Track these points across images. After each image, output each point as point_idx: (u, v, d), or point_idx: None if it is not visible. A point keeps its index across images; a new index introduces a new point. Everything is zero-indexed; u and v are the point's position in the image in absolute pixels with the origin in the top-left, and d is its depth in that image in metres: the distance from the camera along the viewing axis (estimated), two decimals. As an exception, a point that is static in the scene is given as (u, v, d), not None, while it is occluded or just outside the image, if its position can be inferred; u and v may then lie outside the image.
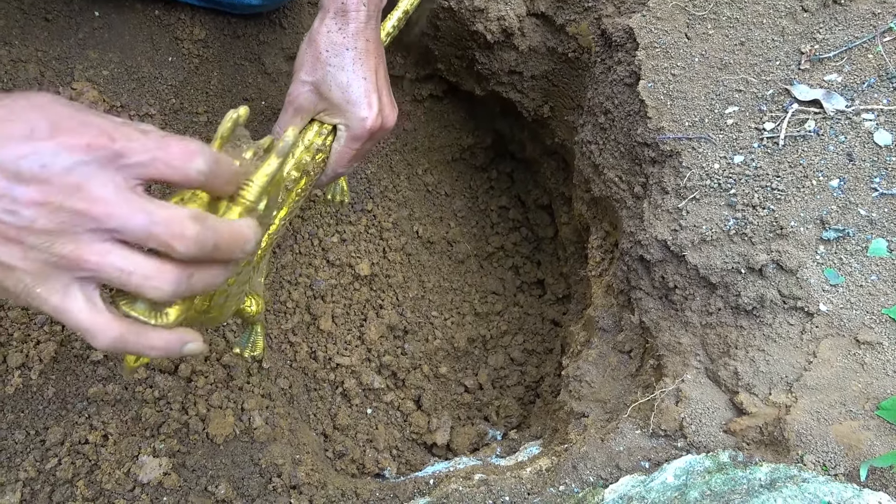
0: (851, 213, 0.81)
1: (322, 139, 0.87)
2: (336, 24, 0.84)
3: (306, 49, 0.86)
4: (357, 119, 0.85)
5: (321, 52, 0.84)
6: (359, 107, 0.85)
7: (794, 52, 0.90)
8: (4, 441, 0.89)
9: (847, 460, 0.71)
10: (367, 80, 0.85)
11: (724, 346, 0.86)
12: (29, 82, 1.05)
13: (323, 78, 0.84)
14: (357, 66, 0.84)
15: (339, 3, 0.83)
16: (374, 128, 0.87)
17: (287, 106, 0.87)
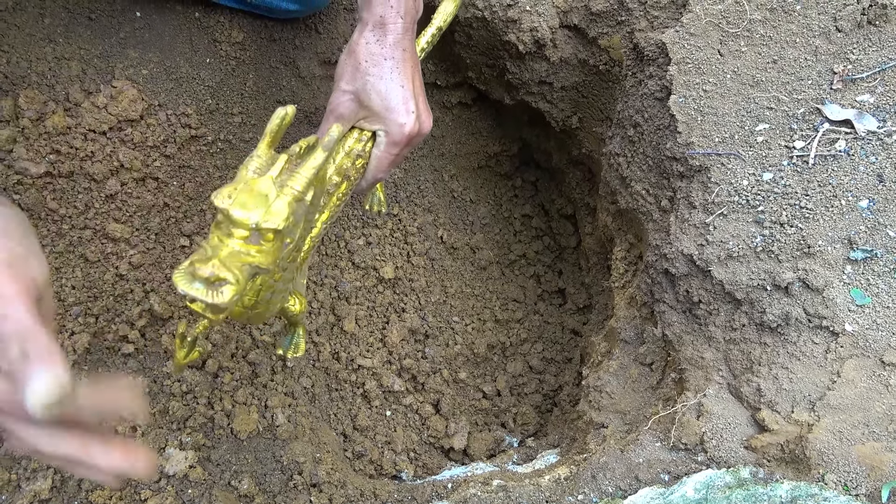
0: (880, 233, 0.81)
1: (362, 145, 0.90)
2: (374, 35, 0.87)
3: (346, 60, 0.89)
4: (396, 125, 0.88)
5: (361, 62, 0.87)
6: (397, 113, 0.88)
7: (826, 72, 0.90)
8: (37, 428, 0.91)
9: (869, 481, 0.71)
10: (404, 87, 0.88)
11: (747, 362, 0.87)
12: (71, 79, 1.08)
13: (363, 87, 0.87)
14: (395, 75, 0.87)
15: (377, 17, 0.86)
16: (413, 133, 0.90)
17: (328, 114, 0.90)
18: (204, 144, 1.18)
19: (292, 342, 0.91)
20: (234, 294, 0.53)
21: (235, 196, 0.56)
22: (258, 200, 0.56)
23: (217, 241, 0.55)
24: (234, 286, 0.53)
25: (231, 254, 0.55)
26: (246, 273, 0.55)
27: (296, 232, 0.62)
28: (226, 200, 0.55)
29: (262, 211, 0.55)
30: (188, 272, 0.52)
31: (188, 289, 0.52)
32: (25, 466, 0.89)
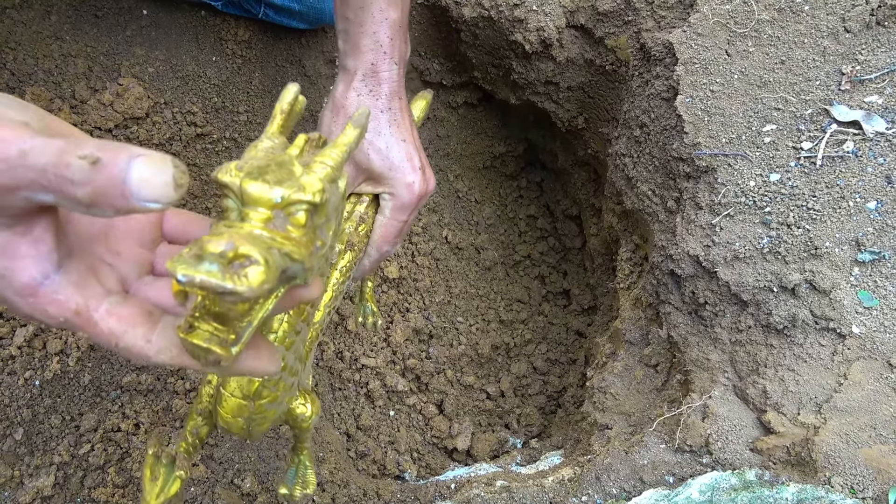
0: (888, 235, 0.81)
1: (364, 207, 0.78)
2: (366, 86, 0.77)
3: (333, 118, 0.78)
4: (403, 185, 0.78)
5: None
6: (403, 171, 0.77)
7: (834, 73, 0.90)
8: (41, 425, 0.91)
9: (875, 484, 0.71)
10: (406, 141, 0.78)
11: (753, 364, 0.86)
12: (77, 77, 1.08)
13: (359, 147, 0.76)
14: (395, 129, 0.78)
15: (367, 64, 0.76)
16: (422, 192, 0.79)
17: None
18: (210, 142, 1.18)
19: (298, 475, 0.75)
20: (264, 279, 0.36)
21: (248, 168, 0.41)
22: (281, 173, 0.42)
23: (224, 228, 0.40)
24: (263, 268, 0.37)
25: (251, 234, 0.39)
26: (276, 259, 0.38)
27: (327, 232, 0.45)
28: (234, 174, 0.41)
29: (290, 182, 0.41)
30: (192, 255, 0.36)
31: (194, 272, 0.35)
32: (28, 463, 0.89)
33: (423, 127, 1.46)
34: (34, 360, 0.93)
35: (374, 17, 0.75)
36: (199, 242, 0.37)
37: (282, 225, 0.41)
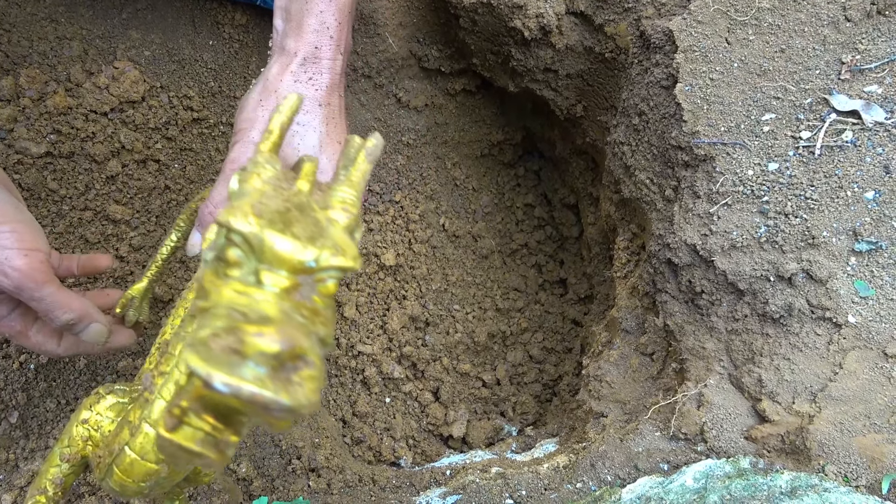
0: (885, 225, 0.81)
1: None
2: (306, 72, 0.67)
3: (260, 100, 0.67)
4: None
5: None
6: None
7: (834, 62, 0.89)
8: (36, 409, 0.91)
9: (869, 473, 0.71)
10: (340, 144, 0.69)
11: (748, 352, 0.86)
12: (73, 59, 1.07)
13: (288, 139, 0.66)
14: (331, 128, 0.68)
15: (310, 48, 0.67)
16: None
17: (229, 174, 0.66)
18: (206, 127, 1.17)
19: None
20: (319, 386, 0.30)
21: (268, 214, 0.34)
22: (307, 223, 0.35)
23: (236, 292, 0.33)
24: (317, 372, 0.30)
25: (284, 314, 0.32)
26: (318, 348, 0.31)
27: None
28: (253, 221, 0.33)
29: (323, 241, 0.34)
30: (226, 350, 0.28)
31: (239, 381, 0.27)
32: (23, 447, 0.89)
33: (420, 114, 1.45)
34: (29, 343, 0.93)
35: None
36: (237, 333, 0.29)
37: (308, 294, 0.34)
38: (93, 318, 0.70)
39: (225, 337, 0.28)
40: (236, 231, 0.33)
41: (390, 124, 1.41)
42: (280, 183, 0.39)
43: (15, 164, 1.00)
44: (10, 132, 1.00)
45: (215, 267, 0.35)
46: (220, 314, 0.30)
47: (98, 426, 0.57)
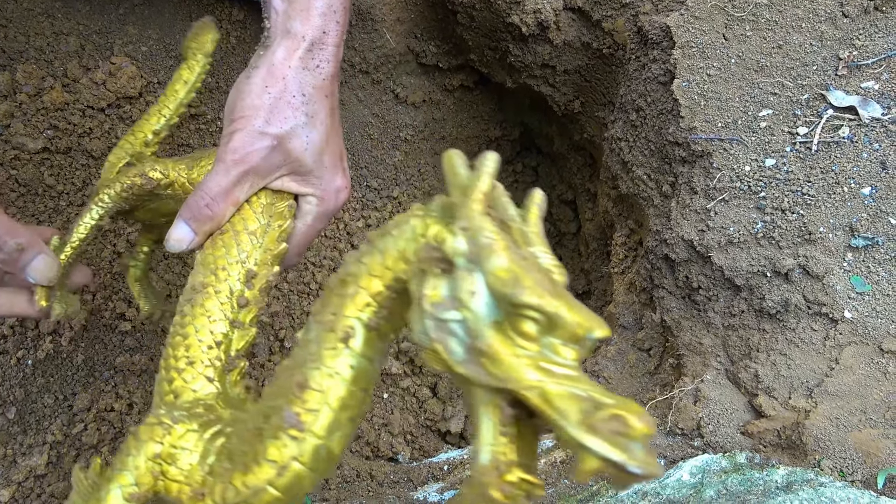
0: (882, 221, 0.81)
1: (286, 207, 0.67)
2: (313, 59, 0.63)
3: (266, 87, 0.62)
4: (332, 189, 0.66)
5: (292, 94, 0.62)
6: (334, 173, 0.66)
7: (831, 58, 0.90)
8: (34, 404, 0.91)
9: (865, 467, 0.71)
10: (339, 137, 0.67)
11: (745, 348, 0.86)
12: (70, 55, 1.07)
13: (292, 131, 0.62)
14: (335, 121, 0.66)
15: (317, 32, 0.63)
16: (345, 201, 0.69)
17: (230, 165, 0.62)
18: (203, 123, 1.17)
19: None
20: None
21: (549, 289, 0.37)
22: (570, 297, 0.38)
23: (540, 367, 0.36)
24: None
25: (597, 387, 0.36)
26: None
27: None
28: (548, 298, 0.37)
29: (596, 317, 0.37)
30: (612, 431, 0.32)
31: (647, 464, 0.32)
32: (21, 442, 0.89)
33: (417, 110, 1.45)
34: (27, 339, 0.93)
35: None
36: (622, 420, 0.33)
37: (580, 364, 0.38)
38: (42, 248, 0.66)
39: (608, 421, 0.32)
40: (533, 306, 0.36)
41: (388, 120, 1.41)
42: (509, 240, 0.41)
43: (12, 159, 1.00)
44: (7, 128, 1.00)
45: (501, 337, 0.38)
46: (571, 395, 0.34)
47: (174, 459, 0.53)
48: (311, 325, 0.51)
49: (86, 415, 0.92)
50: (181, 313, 0.62)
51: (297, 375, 0.49)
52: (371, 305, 0.49)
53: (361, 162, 1.40)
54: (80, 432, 0.91)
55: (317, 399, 0.48)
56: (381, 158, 1.43)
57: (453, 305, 0.40)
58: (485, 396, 0.38)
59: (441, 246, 0.42)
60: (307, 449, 0.48)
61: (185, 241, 0.63)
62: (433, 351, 0.41)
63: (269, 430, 0.49)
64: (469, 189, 0.43)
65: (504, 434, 0.38)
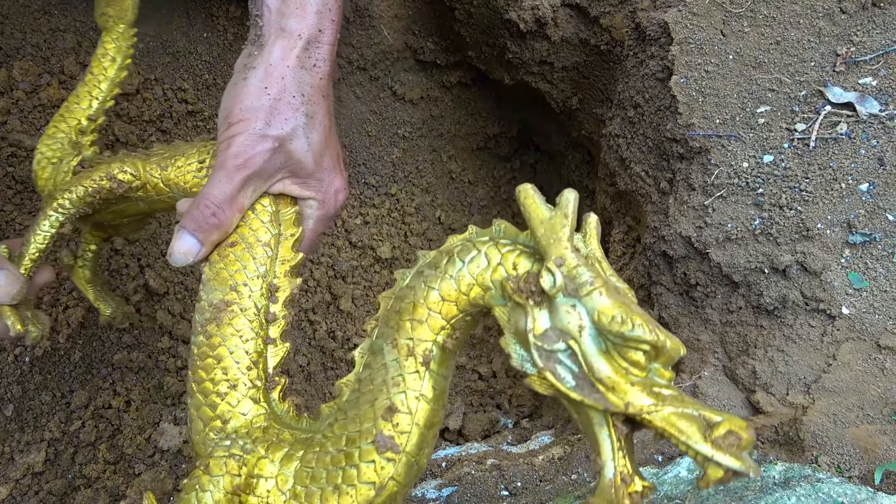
0: (880, 217, 0.81)
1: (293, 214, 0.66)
2: (310, 58, 0.62)
3: (264, 87, 0.61)
4: (332, 191, 0.65)
5: (292, 94, 0.61)
6: (333, 175, 0.65)
7: (829, 54, 0.89)
8: (32, 402, 0.91)
9: (862, 463, 0.71)
10: (336, 138, 0.66)
11: (743, 344, 0.86)
12: (66, 51, 1.07)
13: (294, 132, 0.61)
14: (331, 121, 0.65)
15: (313, 30, 0.62)
16: (344, 203, 0.68)
17: (233, 171, 0.60)
18: (200, 120, 1.17)
19: None
20: None
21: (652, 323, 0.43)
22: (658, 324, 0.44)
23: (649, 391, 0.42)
24: None
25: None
26: None
27: None
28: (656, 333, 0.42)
29: (674, 336, 0.44)
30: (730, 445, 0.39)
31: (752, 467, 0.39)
32: (19, 440, 0.89)
33: (415, 106, 1.45)
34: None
35: None
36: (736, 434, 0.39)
37: None
38: (2, 264, 0.63)
39: (725, 437, 0.39)
40: (650, 342, 0.42)
41: (386, 117, 1.41)
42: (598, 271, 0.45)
43: (8, 156, 1.00)
44: (4, 124, 1.00)
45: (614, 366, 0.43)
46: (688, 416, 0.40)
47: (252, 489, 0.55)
48: (381, 348, 0.54)
49: (83, 412, 0.92)
50: (206, 334, 0.60)
51: (381, 400, 0.53)
52: (446, 329, 0.53)
53: (359, 159, 1.40)
54: (77, 429, 0.91)
55: (407, 421, 0.52)
56: (379, 155, 1.43)
57: (559, 337, 0.45)
58: (601, 418, 0.43)
59: (539, 280, 0.46)
60: (402, 468, 0.51)
61: (191, 254, 0.62)
62: (542, 377, 0.45)
63: (362, 454, 0.52)
64: (556, 226, 0.46)
65: (621, 449, 0.43)
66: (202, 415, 0.58)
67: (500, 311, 0.50)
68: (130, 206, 0.75)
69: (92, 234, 0.82)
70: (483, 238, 0.54)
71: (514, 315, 0.48)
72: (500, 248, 0.52)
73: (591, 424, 0.44)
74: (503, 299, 0.50)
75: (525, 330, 0.46)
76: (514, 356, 0.48)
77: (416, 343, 0.53)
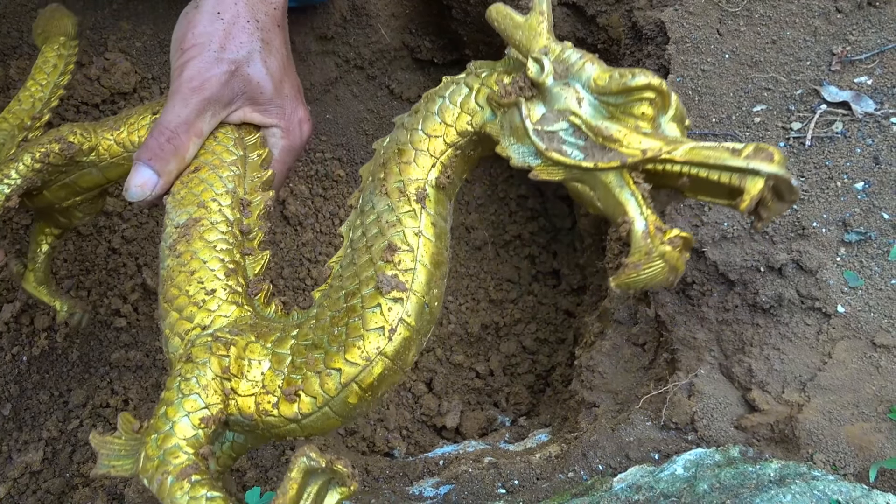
0: (875, 216, 0.81)
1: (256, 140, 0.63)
2: None
3: (217, 12, 0.59)
4: (295, 120, 0.63)
5: (246, 19, 0.59)
6: (295, 104, 0.62)
7: (825, 53, 0.90)
8: (29, 401, 0.91)
9: (857, 461, 0.72)
10: (295, 72, 0.63)
11: (739, 342, 0.87)
12: (63, 51, 1.07)
13: (250, 56, 0.59)
14: (288, 52, 0.62)
15: None
16: (309, 135, 0.65)
17: (188, 95, 0.58)
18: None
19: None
20: None
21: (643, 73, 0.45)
22: None
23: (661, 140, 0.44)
24: None
25: None
26: None
27: None
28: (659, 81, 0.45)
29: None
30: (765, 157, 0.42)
31: (793, 176, 0.44)
32: (17, 438, 0.89)
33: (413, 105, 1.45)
34: (21, 336, 0.93)
35: None
36: (765, 149, 0.41)
37: None
38: None
39: (756, 152, 0.41)
40: (652, 86, 0.42)
41: (383, 116, 1.41)
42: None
43: (6, 155, 1.00)
44: (1, 124, 1.00)
45: (621, 125, 0.43)
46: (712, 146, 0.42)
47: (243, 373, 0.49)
48: (371, 203, 0.52)
49: (81, 411, 0.92)
50: (175, 253, 0.55)
51: (377, 246, 0.49)
52: (437, 166, 0.52)
53: (357, 158, 1.40)
54: (75, 428, 0.91)
55: (409, 258, 0.49)
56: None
57: (558, 117, 0.45)
58: (619, 179, 0.44)
59: (527, 75, 0.46)
60: (412, 307, 0.48)
61: (148, 186, 0.57)
62: (548, 162, 0.45)
63: (364, 302, 0.48)
64: (534, 24, 0.47)
65: (648, 206, 0.44)
66: (179, 329, 0.52)
67: (491, 126, 0.50)
68: (83, 175, 0.70)
69: (44, 233, 0.78)
70: (458, 77, 0.54)
71: (508, 119, 0.48)
72: (478, 75, 0.52)
73: (610, 191, 0.44)
74: (492, 115, 0.50)
75: (522, 123, 0.46)
76: (514, 156, 0.47)
77: (407, 183, 0.51)
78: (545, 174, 0.46)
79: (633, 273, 0.44)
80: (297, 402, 0.47)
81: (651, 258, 0.43)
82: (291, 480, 0.41)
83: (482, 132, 0.51)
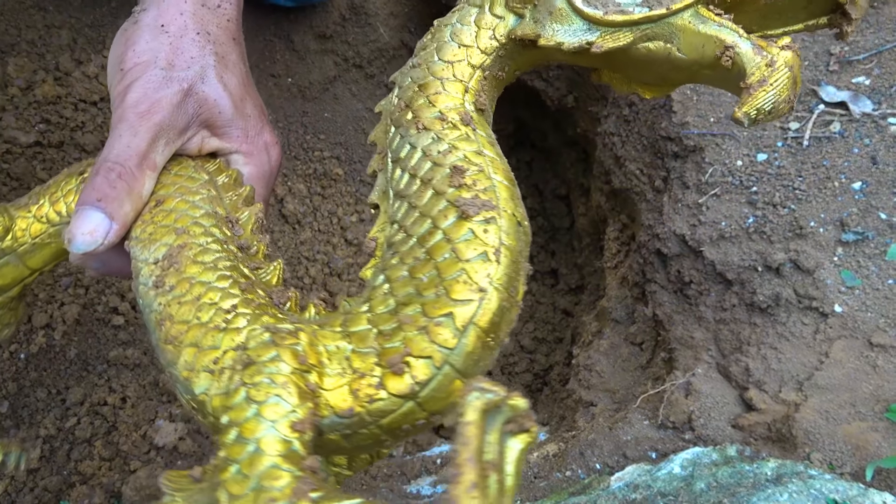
0: (872, 216, 0.82)
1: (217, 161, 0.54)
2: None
3: (161, 25, 0.51)
4: (261, 145, 0.55)
5: (195, 31, 0.51)
6: (259, 126, 0.55)
7: (823, 53, 0.90)
8: (27, 398, 0.91)
9: (854, 460, 0.72)
10: (257, 92, 0.57)
11: (736, 342, 0.87)
12: (62, 48, 1.06)
13: (203, 72, 0.51)
14: (246, 69, 0.55)
15: None
16: (279, 162, 0.57)
17: (136, 122, 0.48)
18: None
19: None
20: None
21: None
22: None
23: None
24: None
25: None
26: None
27: None
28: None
29: None
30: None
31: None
32: (14, 436, 0.89)
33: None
34: (19, 333, 0.93)
35: None
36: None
37: None
38: None
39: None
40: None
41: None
42: None
43: (4, 153, 1.00)
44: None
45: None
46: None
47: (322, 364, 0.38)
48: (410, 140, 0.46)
49: (79, 409, 0.92)
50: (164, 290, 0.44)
51: (439, 178, 0.42)
52: (469, 91, 0.47)
53: (355, 156, 1.40)
54: (73, 426, 0.91)
55: (482, 176, 0.42)
56: (375, 153, 1.43)
57: None
58: (698, 17, 0.42)
59: None
60: (506, 224, 0.41)
61: (98, 233, 0.46)
62: (610, 30, 0.42)
63: (450, 233, 0.40)
64: None
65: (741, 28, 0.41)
66: (203, 363, 0.41)
67: (522, 29, 0.45)
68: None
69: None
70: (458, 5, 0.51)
71: (541, 10, 0.44)
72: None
73: (693, 31, 0.41)
74: (516, 20, 0.46)
75: (564, 3, 0.43)
76: (565, 41, 0.43)
77: (445, 111, 0.45)
78: (611, 41, 0.42)
79: (761, 92, 0.39)
80: (407, 371, 0.37)
81: (775, 68, 0.39)
82: (470, 425, 0.30)
83: (512, 41, 0.47)
